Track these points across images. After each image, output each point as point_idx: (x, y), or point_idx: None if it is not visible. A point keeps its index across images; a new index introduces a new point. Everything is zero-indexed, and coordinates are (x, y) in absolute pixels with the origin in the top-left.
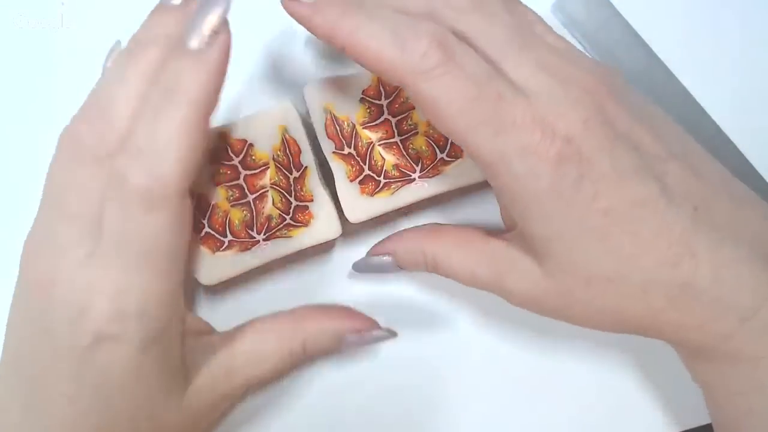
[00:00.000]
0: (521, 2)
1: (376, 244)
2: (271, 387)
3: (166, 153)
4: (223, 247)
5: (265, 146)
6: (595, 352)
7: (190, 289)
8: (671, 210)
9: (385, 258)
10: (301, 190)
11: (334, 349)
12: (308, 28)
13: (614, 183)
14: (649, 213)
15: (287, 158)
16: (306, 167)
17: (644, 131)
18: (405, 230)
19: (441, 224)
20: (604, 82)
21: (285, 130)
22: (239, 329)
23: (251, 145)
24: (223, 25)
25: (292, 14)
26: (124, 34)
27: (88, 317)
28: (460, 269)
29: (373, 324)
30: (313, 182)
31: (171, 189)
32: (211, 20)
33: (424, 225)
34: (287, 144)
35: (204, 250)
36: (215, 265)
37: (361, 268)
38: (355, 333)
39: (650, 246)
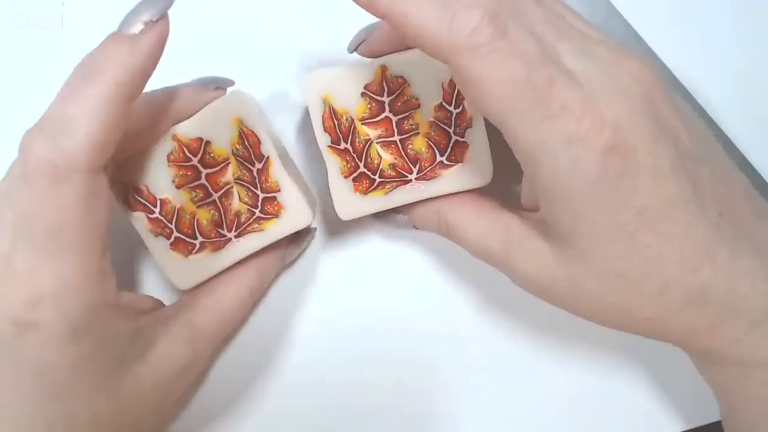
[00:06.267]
0: None
1: None
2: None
3: (74, 127)
4: (195, 250)
5: (222, 141)
6: (597, 351)
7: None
8: (699, 212)
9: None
10: (266, 181)
11: (281, 267)
12: None
13: (652, 180)
14: (680, 213)
15: (247, 151)
16: (268, 157)
17: (682, 127)
18: None
19: (462, 191)
20: (652, 71)
21: (241, 122)
22: (191, 292)
23: (208, 142)
24: (163, 17)
25: None
26: None
27: (7, 304)
28: (471, 238)
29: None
30: (277, 172)
31: (77, 163)
32: (150, 11)
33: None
34: (245, 136)
35: (175, 255)
36: (190, 269)
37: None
38: (294, 245)
39: (675, 248)
